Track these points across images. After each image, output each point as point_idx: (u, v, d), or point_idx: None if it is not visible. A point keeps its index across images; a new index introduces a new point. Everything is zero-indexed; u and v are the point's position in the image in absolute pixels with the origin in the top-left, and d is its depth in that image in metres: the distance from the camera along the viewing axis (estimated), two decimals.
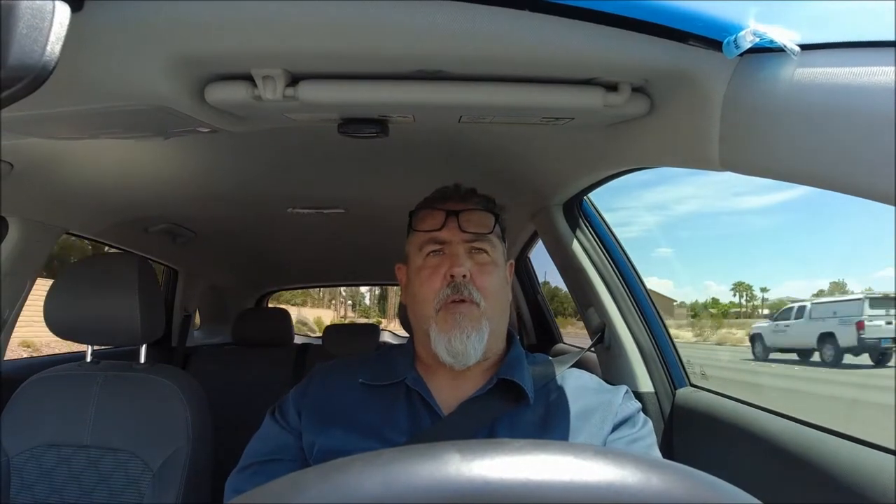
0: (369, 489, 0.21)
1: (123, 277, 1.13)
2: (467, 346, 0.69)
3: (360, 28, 0.51)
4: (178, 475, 1.08)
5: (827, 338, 6.75)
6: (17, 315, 1.35)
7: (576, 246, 1.24)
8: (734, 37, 0.48)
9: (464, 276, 0.70)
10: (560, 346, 2.01)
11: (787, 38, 0.47)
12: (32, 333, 6.39)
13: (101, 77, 0.59)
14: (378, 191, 1.45)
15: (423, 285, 0.73)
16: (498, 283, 0.74)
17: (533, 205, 1.32)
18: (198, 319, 2.73)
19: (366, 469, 0.22)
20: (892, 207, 0.41)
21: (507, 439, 0.23)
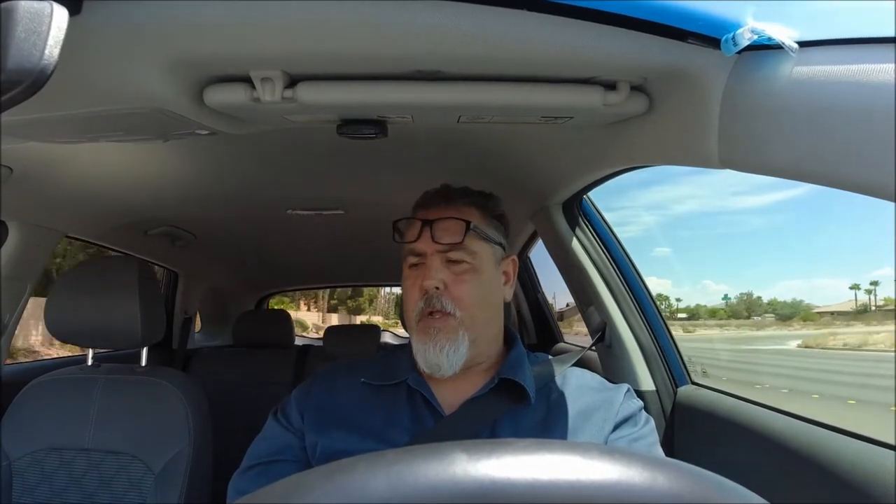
0: (374, 490, 0.21)
1: (124, 281, 1.13)
2: (441, 359, 0.69)
3: (359, 29, 0.51)
4: (179, 477, 1.08)
5: None
6: (18, 319, 1.35)
7: (576, 245, 1.24)
8: (732, 34, 0.48)
9: (437, 289, 0.70)
10: (561, 345, 2.01)
11: (786, 35, 0.47)
12: None
13: (100, 80, 0.59)
14: (377, 192, 1.45)
15: (406, 296, 0.74)
16: (478, 291, 0.72)
17: (533, 204, 1.32)
18: (198, 322, 2.73)
19: (371, 469, 0.21)
20: (892, 204, 0.41)
21: (512, 439, 0.23)
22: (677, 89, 0.60)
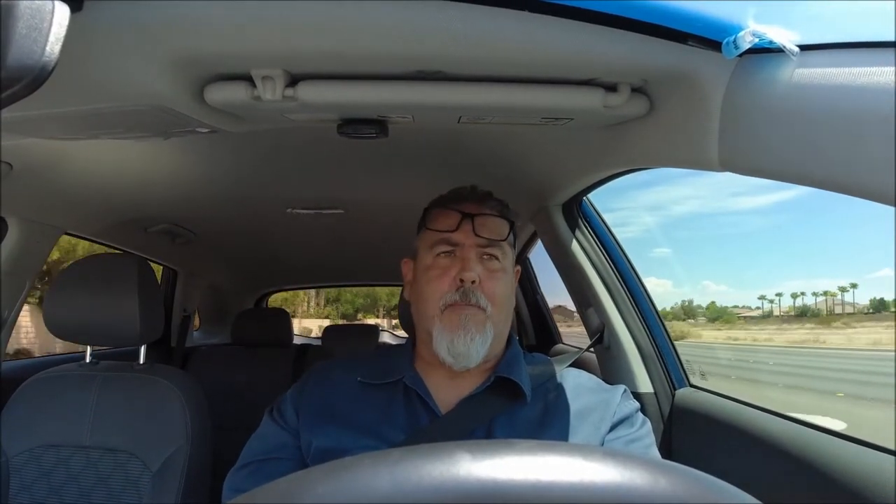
0: (378, 488, 0.21)
1: (123, 278, 1.13)
2: (470, 349, 0.69)
3: (360, 28, 0.51)
4: (177, 475, 1.08)
5: None
6: (17, 315, 1.35)
7: (575, 246, 1.24)
8: (733, 37, 0.48)
9: (473, 282, 0.70)
10: (559, 346, 2.01)
11: (787, 38, 0.47)
12: None
13: (101, 77, 0.59)
14: (377, 191, 1.45)
15: (429, 284, 0.73)
16: (506, 290, 0.74)
17: (532, 205, 1.32)
18: (197, 320, 2.73)
19: (375, 468, 0.21)
20: (892, 208, 0.41)
21: (516, 440, 0.23)
22: (678, 92, 0.60)
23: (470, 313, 0.70)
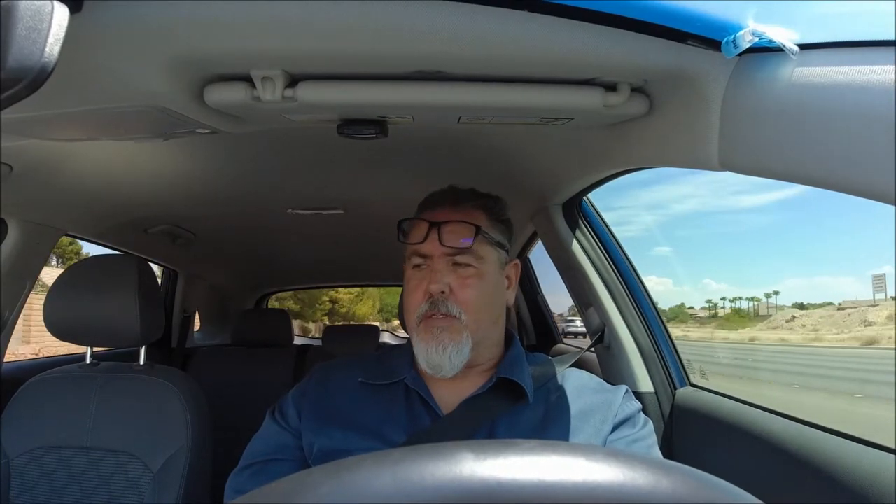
0: (379, 488, 0.21)
1: (123, 279, 1.13)
2: (443, 359, 0.69)
3: (360, 28, 0.51)
4: (178, 476, 1.08)
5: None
6: (17, 316, 1.35)
7: (575, 246, 1.24)
8: (733, 37, 0.48)
9: (442, 293, 0.70)
10: (560, 346, 2.01)
11: (786, 37, 0.47)
12: None
13: (100, 78, 0.59)
14: (377, 192, 1.45)
15: (408, 297, 0.74)
16: (483, 295, 0.72)
17: (532, 205, 1.32)
18: (197, 321, 2.73)
19: (376, 468, 0.21)
20: (892, 207, 0.41)
21: (518, 440, 0.23)
22: (678, 91, 0.60)
23: (443, 324, 0.70)
